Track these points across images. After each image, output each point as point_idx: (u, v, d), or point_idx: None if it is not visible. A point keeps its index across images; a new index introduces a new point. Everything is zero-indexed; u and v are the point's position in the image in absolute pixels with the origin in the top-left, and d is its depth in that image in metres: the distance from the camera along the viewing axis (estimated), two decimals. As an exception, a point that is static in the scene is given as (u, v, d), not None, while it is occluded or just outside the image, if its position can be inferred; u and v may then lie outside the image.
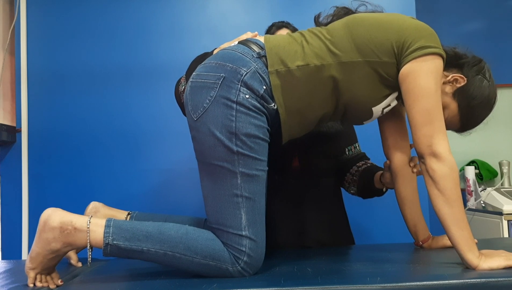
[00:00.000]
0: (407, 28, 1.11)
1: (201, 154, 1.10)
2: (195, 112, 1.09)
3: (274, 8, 2.20)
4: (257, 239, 1.05)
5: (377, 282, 0.91)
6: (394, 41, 1.09)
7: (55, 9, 2.17)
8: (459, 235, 1.04)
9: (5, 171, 2.13)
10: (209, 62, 1.13)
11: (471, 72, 1.19)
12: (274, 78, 1.10)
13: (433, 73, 1.07)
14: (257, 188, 1.07)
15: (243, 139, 1.05)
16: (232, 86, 1.06)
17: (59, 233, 0.99)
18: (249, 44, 1.15)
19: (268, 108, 1.09)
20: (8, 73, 2.18)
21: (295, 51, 1.12)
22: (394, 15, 1.17)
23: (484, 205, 2.49)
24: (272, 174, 1.49)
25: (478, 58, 1.23)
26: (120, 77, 2.16)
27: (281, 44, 1.14)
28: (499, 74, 2.82)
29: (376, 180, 1.47)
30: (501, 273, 0.97)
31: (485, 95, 1.20)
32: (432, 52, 1.08)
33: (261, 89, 1.08)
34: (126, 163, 2.12)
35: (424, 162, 1.07)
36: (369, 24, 1.13)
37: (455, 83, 1.19)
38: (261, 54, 1.12)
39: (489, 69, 1.22)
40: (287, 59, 1.11)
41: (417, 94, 1.07)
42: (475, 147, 2.87)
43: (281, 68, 1.10)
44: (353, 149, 1.63)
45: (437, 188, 1.05)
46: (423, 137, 1.07)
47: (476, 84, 1.19)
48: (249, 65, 1.09)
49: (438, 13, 2.92)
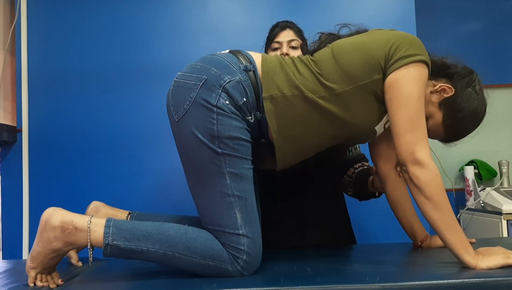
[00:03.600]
0: (389, 40, 1.11)
1: (186, 156, 1.10)
2: (177, 113, 1.09)
3: (274, 8, 2.20)
4: (254, 237, 1.06)
5: (376, 281, 0.91)
6: (379, 57, 1.10)
7: (55, 9, 2.18)
8: (453, 238, 1.04)
9: (6, 171, 2.13)
10: (194, 63, 1.14)
11: (461, 84, 1.18)
12: (268, 104, 1.10)
13: (416, 80, 1.07)
14: (246, 186, 1.07)
15: (226, 141, 1.05)
16: (212, 90, 1.06)
17: (60, 233, 0.99)
18: (239, 55, 1.15)
19: (245, 119, 1.09)
20: (8, 73, 2.19)
21: (290, 77, 1.12)
22: (375, 32, 1.17)
23: (483, 205, 2.49)
24: (274, 174, 1.50)
25: (469, 69, 1.21)
26: (120, 77, 2.16)
27: (277, 69, 1.13)
28: (499, 74, 2.83)
29: (369, 184, 1.48)
30: (500, 272, 0.97)
31: (472, 109, 1.18)
32: (415, 60, 1.07)
33: (241, 100, 1.08)
34: (126, 163, 2.12)
35: (407, 170, 1.06)
36: (352, 49, 1.13)
37: (442, 93, 1.18)
38: (248, 68, 1.12)
39: (480, 82, 1.21)
40: (283, 86, 1.11)
41: (400, 101, 1.07)
42: (474, 147, 2.87)
43: (276, 94, 1.10)
44: (353, 150, 1.64)
45: (423, 195, 1.05)
46: (405, 144, 1.06)
47: (465, 97, 1.17)
48: (234, 74, 1.09)
49: (437, 13, 2.92)
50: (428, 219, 1.06)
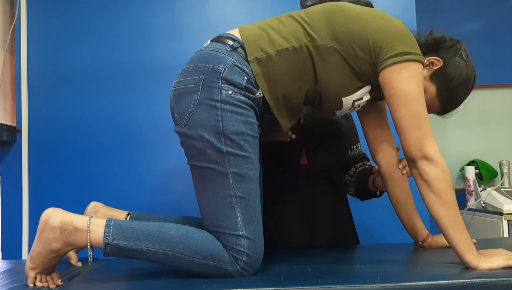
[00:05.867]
0: (388, 30, 1.10)
1: (191, 158, 1.10)
2: (182, 119, 1.09)
3: (274, 8, 2.20)
4: (255, 238, 1.05)
5: (377, 282, 0.91)
6: (371, 39, 1.09)
7: (55, 9, 2.17)
8: (458, 237, 1.03)
9: (5, 171, 2.13)
10: (186, 67, 1.14)
11: (447, 54, 1.20)
12: (255, 66, 1.10)
13: (415, 78, 1.07)
14: (250, 187, 1.07)
15: (232, 137, 1.05)
16: (213, 86, 1.06)
17: (60, 233, 0.99)
18: (221, 39, 1.15)
19: (254, 99, 1.09)
20: (8, 73, 2.18)
21: (271, 36, 1.12)
22: (377, 12, 1.15)
23: (484, 205, 2.49)
24: (282, 173, 1.50)
25: (455, 40, 1.23)
26: (120, 77, 2.15)
27: (257, 32, 1.14)
28: (499, 74, 2.82)
29: (370, 183, 1.48)
30: (501, 273, 0.97)
31: (463, 76, 1.19)
32: (413, 58, 1.07)
33: (243, 81, 1.07)
34: (126, 163, 2.12)
35: (416, 166, 1.07)
36: (349, 15, 1.12)
37: (431, 66, 1.19)
38: (235, 46, 1.11)
39: (466, 50, 1.22)
40: (266, 46, 1.11)
41: (401, 99, 1.07)
42: (475, 147, 2.87)
43: (261, 55, 1.10)
44: (355, 149, 1.63)
45: (431, 191, 1.04)
46: (413, 141, 1.06)
47: (453, 66, 1.19)
48: (225, 60, 1.08)
49: (438, 13, 2.92)
50: (434, 216, 1.06)
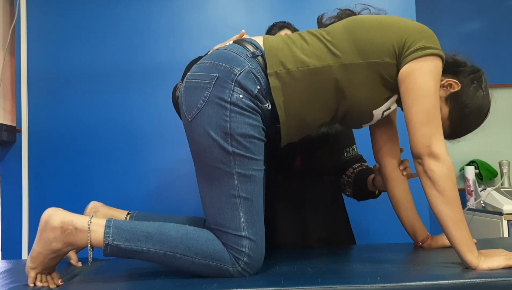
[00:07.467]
0: (408, 28, 1.11)
1: (197, 155, 1.10)
2: (190, 113, 1.08)
3: (275, 8, 2.20)
4: (257, 239, 1.05)
5: (377, 282, 0.91)
6: (395, 42, 1.09)
7: (55, 9, 2.18)
8: (459, 236, 1.04)
9: (5, 171, 2.13)
10: (203, 62, 1.13)
11: (467, 80, 1.19)
12: (274, 80, 1.09)
13: (433, 73, 1.07)
14: (254, 188, 1.07)
15: (238, 139, 1.04)
16: (225, 86, 1.06)
17: (60, 233, 0.99)
18: (244, 43, 1.14)
19: (262, 108, 1.09)
20: (8, 73, 2.18)
21: (294, 52, 1.11)
22: (394, 17, 1.17)
23: (484, 205, 2.49)
24: (274, 174, 1.50)
25: (477, 68, 1.22)
26: (120, 77, 2.16)
27: (280, 45, 1.13)
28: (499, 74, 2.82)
29: (369, 183, 1.48)
30: (501, 273, 0.97)
31: (477, 105, 1.19)
32: (432, 52, 1.07)
33: (255, 89, 1.07)
34: (126, 163, 2.12)
35: (422, 162, 1.07)
36: (370, 26, 1.13)
37: (449, 88, 1.18)
38: (256, 54, 1.11)
39: (486, 80, 1.21)
40: (287, 61, 1.10)
41: (416, 93, 1.07)
42: (475, 147, 2.87)
43: (281, 70, 1.10)
44: (351, 151, 1.64)
45: (436, 189, 1.05)
46: (422, 137, 1.06)
47: (470, 92, 1.18)
48: (243, 64, 1.08)
49: (438, 13, 2.92)
50: (437, 214, 1.06)
